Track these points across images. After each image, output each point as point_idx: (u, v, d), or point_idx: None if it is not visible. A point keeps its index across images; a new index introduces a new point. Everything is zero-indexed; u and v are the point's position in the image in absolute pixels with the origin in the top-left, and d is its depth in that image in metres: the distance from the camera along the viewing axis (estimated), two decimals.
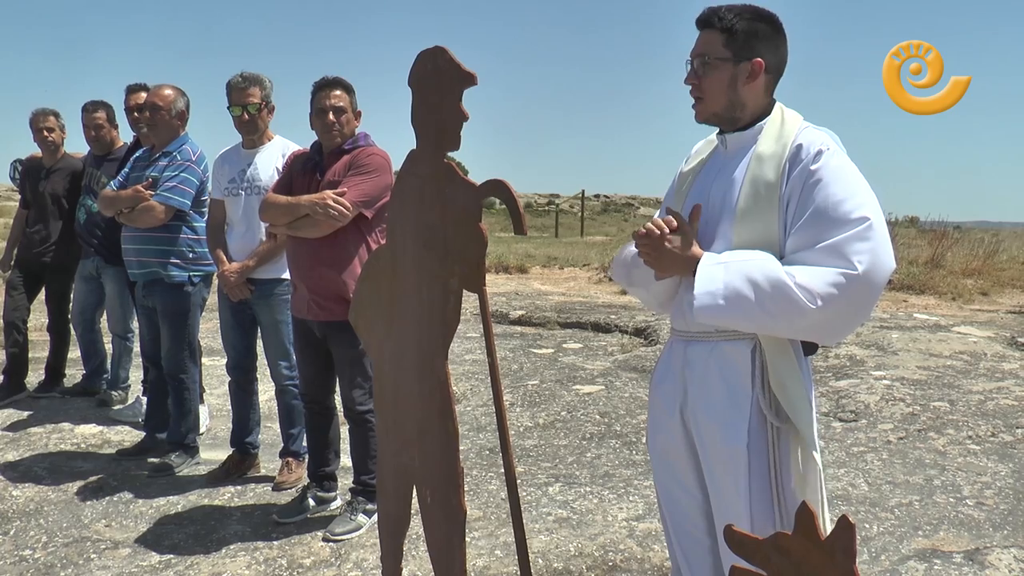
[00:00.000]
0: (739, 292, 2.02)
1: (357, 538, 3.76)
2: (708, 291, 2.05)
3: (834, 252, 1.99)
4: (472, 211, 2.23)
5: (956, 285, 11.38)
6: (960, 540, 3.67)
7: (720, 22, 2.18)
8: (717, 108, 2.22)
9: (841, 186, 2.04)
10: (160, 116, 4.57)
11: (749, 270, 2.03)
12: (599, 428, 5.41)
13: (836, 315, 2.00)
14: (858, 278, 1.96)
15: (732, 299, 2.03)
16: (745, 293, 2.02)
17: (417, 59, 2.34)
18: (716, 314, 2.06)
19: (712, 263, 2.09)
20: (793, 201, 2.08)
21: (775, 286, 1.99)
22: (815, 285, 1.97)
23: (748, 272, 2.03)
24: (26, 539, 3.80)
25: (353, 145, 3.79)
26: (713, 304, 2.05)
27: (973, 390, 5.94)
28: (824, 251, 2.00)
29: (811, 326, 2.03)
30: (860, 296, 1.99)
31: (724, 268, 2.06)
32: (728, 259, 2.09)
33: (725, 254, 2.12)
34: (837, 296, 1.97)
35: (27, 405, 5.90)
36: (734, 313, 2.05)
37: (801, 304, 1.97)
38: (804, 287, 1.97)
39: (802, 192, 2.07)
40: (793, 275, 1.99)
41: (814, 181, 2.05)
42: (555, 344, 8.28)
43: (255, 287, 4.27)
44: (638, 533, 3.79)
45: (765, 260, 2.05)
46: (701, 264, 2.10)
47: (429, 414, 2.38)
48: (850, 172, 2.08)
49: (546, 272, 14.53)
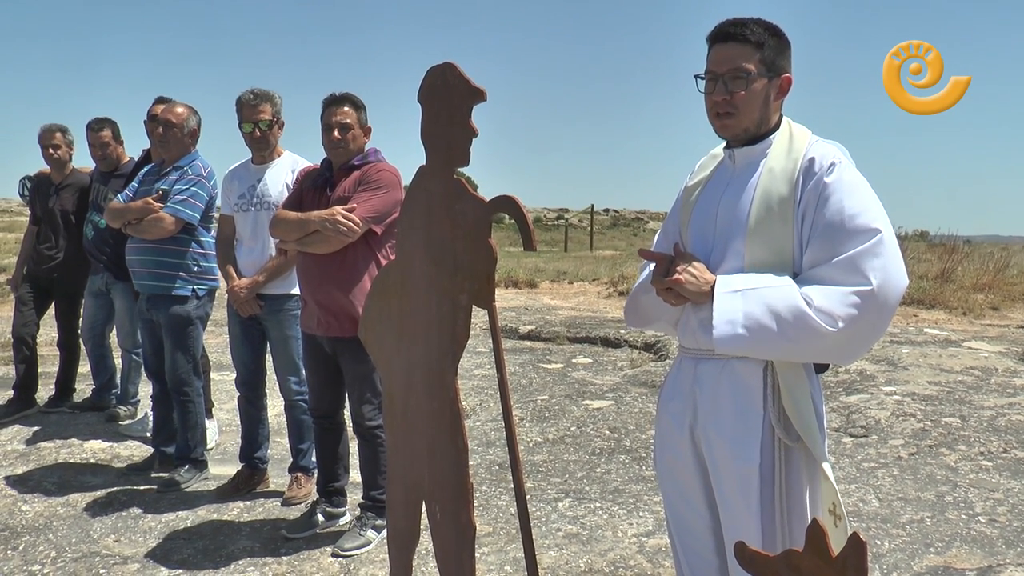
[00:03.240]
0: (760, 322, 2.02)
1: (366, 554, 3.75)
2: (728, 320, 2.04)
3: (849, 267, 1.99)
4: (482, 227, 2.24)
5: (967, 300, 11.32)
6: (973, 557, 3.65)
7: (754, 36, 2.14)
8: (749, 124, 2.19)
9: (856, 199, 2.04)
10: (173, 133, 4.61)
11: (769, 299, 2.02)
12: (609, 443, 5.40)
13: (855, 335, 2.00)
14: (873, 295, 1.96)
15: (753, 329, 2.03)
16: (766, 323, 2.01)
17: (427, 75, 2.35)
18: (737, 344, 2.05)
19: (728, 291, 2.07)
20: (808, 215, 2.08)
21: (795, 314, 1.99)
22: (834, 308, 1.97)
23: (768, 301, 2.02)
24: (35, 554, 3.80)
25: (363, 161, 3.80)
26: (733, 334, 2.04)
27: (984, 406, 5.91)
28: (839, 266, 2.00)
29: (830, 348, 2.04)
30: (877, 313, 1.99)
31: (742, 297, 2.05)
32: (744, 286, 2.07)
33: (739, 279, 2.10)
34: (856, 316, 1.97)
35: (37, 420, 5.92)
36: (755, 343, 2.04)
37: (821, 329, 1.97)
38: (823, 311, 1.97)
39: (816, 205, 2.06)
40: (811, 300, 1.99)
41: (828, 194, 2.05)
42: (564, 359, 8.27)
43: (265, 302, 4.28)
44: (648, 549, 3.77)
45: (783, 287, 2.04)
46: (717, 293, 2.08)
47: (439, 430, 2.38)
48: (862, 186, 2.08)
49: (555, 287, 14.52)
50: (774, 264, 2.10)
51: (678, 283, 2.15)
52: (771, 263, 2.10)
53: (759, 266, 2.11)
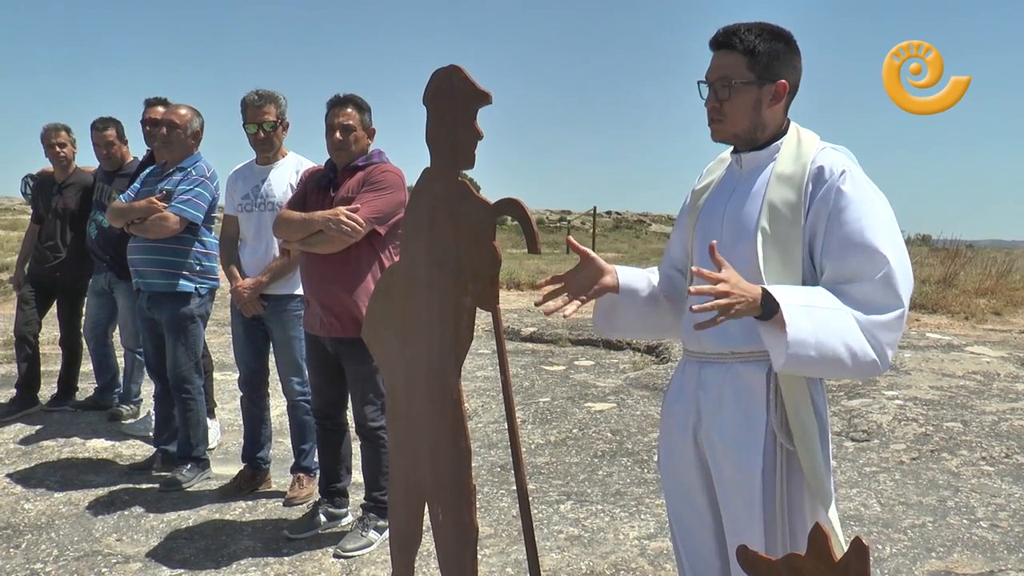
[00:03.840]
0: (833, 350, 1.94)
1: (368, 554, 3.76)
2: (799, 340, 1.92)
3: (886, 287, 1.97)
4: (486, 229, 2.24)
5: (969, 304, 11.32)
6: (975, 563, 3.65)
7: (742, 44, 2.13)
8: (737, 130, 2.19)
9: (875, 212, 2.02)
10: (176, 134, 4.63)
11: (839, 328, 1.95)
12: (611, 446, 5.40)
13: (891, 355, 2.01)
14: (904, 313, 1.98)
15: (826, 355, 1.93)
16: (839, 353, 1.94)
17: (432, 77, 2.35)
18: (803, 365, 1.96)
19: (798, 306, 1.94)
20: (821, 223, 2.05)
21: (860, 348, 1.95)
22: (887, 337, 1.97)
23: (837, 328, 1.95)
24: (37, 552, 3.81)
25: (367, 162, 3.81)
26: (805, 355, 1.93)
27: (986, 411, 5.90)
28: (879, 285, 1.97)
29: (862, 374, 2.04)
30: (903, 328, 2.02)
31: (809, 316, 1.94)
32: (808, 302, 1.97)
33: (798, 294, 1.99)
34: (897, 339, 1.99)
35: (39, 419, 5.93)
36: (819, 367, 1.97)
37: (873, 360, 1.97)
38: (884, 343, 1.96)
39: (831, 216, 2.04)
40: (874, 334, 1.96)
41: (843, 205, 2.02)
42: (567, 361, 8.28)
43: (268, 303, 4.29)
44: (650, 552, 3.77)
45: (844, 313, 1.97)
46: (785, 308, 1.93)
47: (441, 431, 2.38)
48: (877, 197, 2.07)
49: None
50: (784, 266, 2.10)
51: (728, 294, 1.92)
52: (781, 266, 2.10)
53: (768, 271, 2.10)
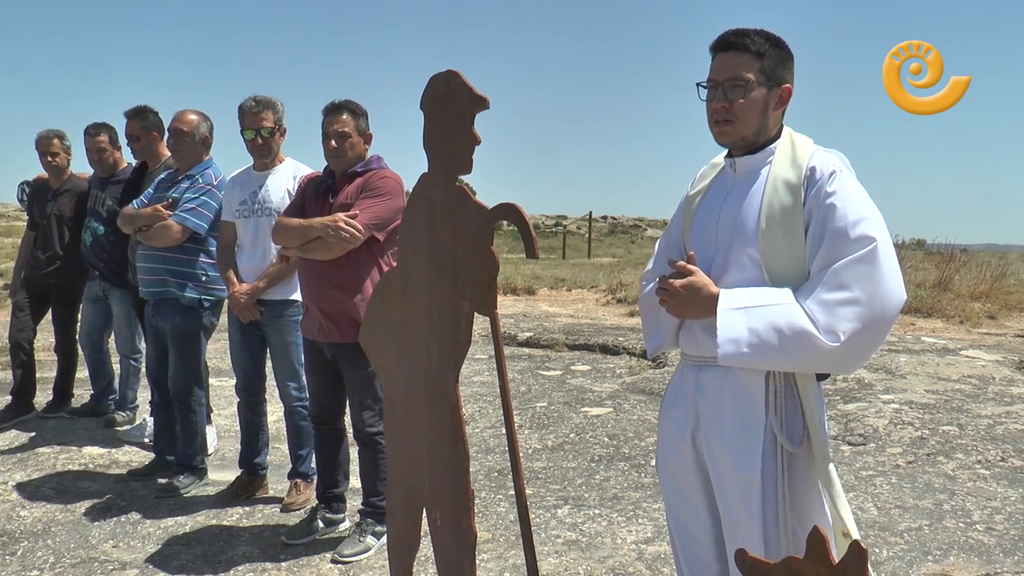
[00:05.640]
0: (763, 340, 2.05)
1: (366, 560, 3.75)
2: (731, 338, 2.07)
3: (842, 274, 2.01)
4: (483, 234, 2.24)
5: (964, 308, 11.35)
6: (971, 566, 3.65)
7: (754, 45, 2.17)
8: (747, 132, 2.21)
9: (853, 208, 2.06)
10: (184, 142, 4.61)
11: (773, 318, 2.05)
12: (608, 450, 5.40)
13: (855, 347, 2.02)
14: (871, 306, 1.98)
15: (756, 346, 2.06)
16: (769, 340, 2.04)
17: (430, 82, 2.36)
18: (741, 360, 2.08)
19: (731, 307, 2.10)
20: (813, 223, 2.10)
21: (798, 332, 2.02)
22: (836, 323, 1.99)
23: (772, 320, 2.05)
24: (34, 559, 3.80)
25: (365, 168, 3.81)
26: (738, 352, 2.07)
27: (982, 414, 5.92)
28: (834, 274, 2.02)
29: (831, 362, 2.06)
30: (876, 324, 2.01)
31: (745, 315, 2.08)
32: (747, 303, 2.09)
33: (742, 295, 2.12)
34: (858, 329, 1.99)
35: (35, 425, 5.92)
36: (759, 359, 2.07)
37: (824, 346, 2.00)
38: (826, 328, 2.00)
39: (818, 213, 2.08)
40: (814, 316, 2.01)
41: (829, 202, 2.07)
42: (563, 366, 8.28)
43: (265, 308, 4.29)
44: (647, 556, 3.77)
45: (785, 305, 2.06)
46: (720, 309, 2.11)
47: (439, 436, 2.38)
48: (860, 195, 2.10)
49: (554, 294, 14.54)
50: (788, 270, 2.12)
51: (672, 287, 2.18)
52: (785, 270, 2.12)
53: (775, 274, 2.12)
